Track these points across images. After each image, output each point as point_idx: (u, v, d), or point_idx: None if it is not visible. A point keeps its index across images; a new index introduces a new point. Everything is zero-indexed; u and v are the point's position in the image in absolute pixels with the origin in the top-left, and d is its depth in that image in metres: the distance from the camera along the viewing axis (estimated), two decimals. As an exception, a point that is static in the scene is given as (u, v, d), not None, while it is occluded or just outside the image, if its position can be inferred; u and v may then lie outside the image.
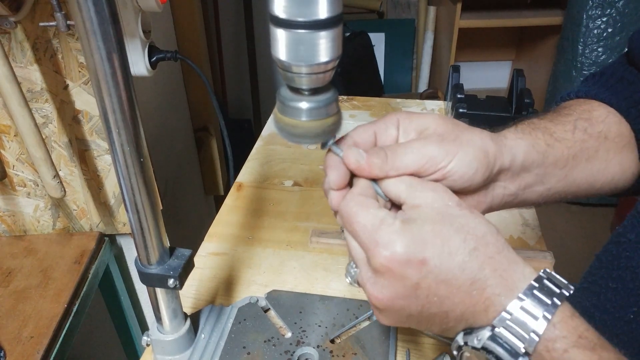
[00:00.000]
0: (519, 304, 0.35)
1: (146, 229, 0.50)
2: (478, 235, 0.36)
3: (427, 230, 0.36)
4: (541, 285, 0.35)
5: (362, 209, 0.38)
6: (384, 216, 0.37)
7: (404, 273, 0.36)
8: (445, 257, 0.35)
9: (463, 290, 0.36)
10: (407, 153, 0.40)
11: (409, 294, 0.36)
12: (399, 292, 0.36)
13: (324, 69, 0.37)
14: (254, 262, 0.77)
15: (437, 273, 0.35)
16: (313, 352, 0.60)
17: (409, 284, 0.36)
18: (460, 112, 0.97)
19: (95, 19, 0.38)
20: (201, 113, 1.60)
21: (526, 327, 0.34)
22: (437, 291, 0.36)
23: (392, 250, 0.35)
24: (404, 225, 0.36)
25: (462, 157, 0.39)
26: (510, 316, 0.35)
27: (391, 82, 2.74)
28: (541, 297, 0.35)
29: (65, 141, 0.91)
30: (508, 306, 0.35)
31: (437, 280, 0.36)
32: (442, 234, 0.36)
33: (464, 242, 0.35)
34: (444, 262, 0.35)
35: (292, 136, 0.40)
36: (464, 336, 0.37)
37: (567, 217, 2.30)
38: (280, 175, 0.97)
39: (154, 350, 0.61)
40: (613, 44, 2.02)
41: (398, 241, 0.35)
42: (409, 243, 0.35)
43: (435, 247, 0.35)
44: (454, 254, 0.35)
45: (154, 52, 0.81)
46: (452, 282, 0.35)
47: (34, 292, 0.88)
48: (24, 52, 0.82)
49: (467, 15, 2.23)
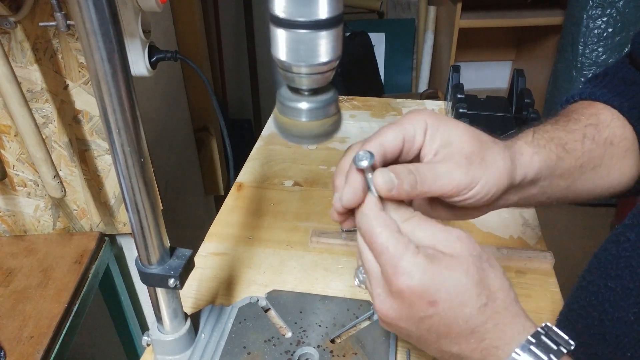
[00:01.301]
0: (517, 357, 0.36)
1: (146, 229, 0.50)
2: (491, 290, 0.37)
3: (447, 275, 0.36)
4: (538, 341, 0.36)
5: (386, 229, 0.38)
6: (408, 243, 0.37)
7: (414, 305, 0.37)
8: (456, 306, 0.36)
9: (462, 336, 0.37)
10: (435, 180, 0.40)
11: (412, 322, 0.38)
12: (404, 316, 0.38)
13: (324, 69, 0.37)
14: (254, 262, 0.77)
15: (443, 316, 0.37)
16: (313, 352, 0.60)
17: (415, 315, 0.37)
18: (460, 112, 0.97)
19: (95, 19, 0.38)
20: (201, 113, 1.60)
21: None
22: (437, 330, 0.37)
23: (411, 281, 0.36)
24: (427, 260, 0.37)
25: (484, 183, 0.41)
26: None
27: (391, 82, 2.74)
28: (538, 353, 0.36)
29: (65, 141, 0.91)
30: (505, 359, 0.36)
31: (440, 322, 0.37)
32: (460, 283, 0.36)
33: (478, 296, 0.36)
34: (452, 309, 0.36)
35: (292, 136, 0.40)
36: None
37: (567, 217, 2.30)
38: (280, 175, 0.97)
39: (154, 350, 0.61)
40: (613, 44, 2.02)
41: (418, 274, 0.36)
42: (427, 280, 0.36)
43: (449, 294, 0.36)
44: (464, 306, 0.36)
45: (154, 52, 0.81)
46: (453, 328, 0.37)
47: (34, 292, 0.88)
48: (24, 52, 0.82)
49: (467, 15, 2.23)
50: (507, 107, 1.03)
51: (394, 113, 1.18)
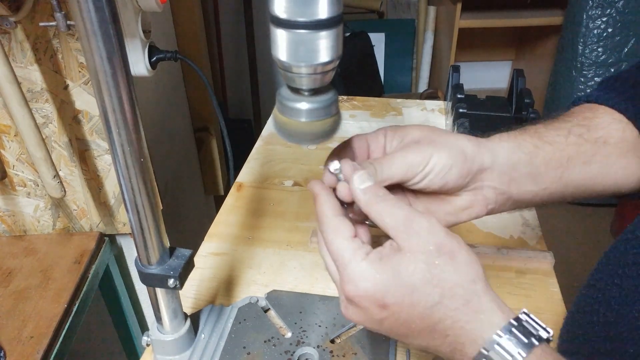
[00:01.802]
0: (485, 353, 0.35)
1: (146, 229, 0.50)
2: (446, 287, 0.37)
3: (393, 278, 0.36)
4: (509, 335, 0.35)
5: (336, 236, 0.39)
6: (355, 250, 0.38)
7: (367, 309, 0.37)
8: (406, 306, 0.36)
9: (424, 333, 0.38)
10: (392, 164, 0.42)
11: (374, 324, 0.39)
12: (366, 320, 0.39)
13: (324, 69, 0.37)
14: (254, 262, 0.77)
15: (397, 317, 0.37)
16: (313, 352, 0.60)
17: (373, 318, 0.38)
18: (460, 112, 0.97)
19: (95, 19, 0.38)
20: (201, 113, 1.60)
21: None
22: (398, 330, 0.38)
23: (356, 289, 0.37)
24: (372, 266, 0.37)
25: (437, 158, 0.42)
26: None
27: (391, 82, 2.74)
28: (507, 347, 0.35)
29: (65, 141, 0.91)
30: (473, 355, 0.36)
31: (398, 323, 0.37)
32: (407, 284, 0.36)
33: (428, 295, 0.36)
34: (404, 310, 0.37)
35: (291, 136, 0.40)
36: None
37: (567, 217, 2.30)
38: (280, 175, 0.97)
39: (154, 350, 0.61)
40: (613, 44, 2.02)
41: (362, 283, 0.37)
42: (371, 287, 0.37)
43: (396, 297, 0.36)
44: (414, 306, 0.36)
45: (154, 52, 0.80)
46: (412, 327, 0.37)
47: (34, 292, 0.88)
48: (24, 52, 0.82)
49: (467, 15, 2.23)
50: (507, 107, 1.03)
51: (394, 113, 1.18)
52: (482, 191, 0.45)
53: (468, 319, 0.36)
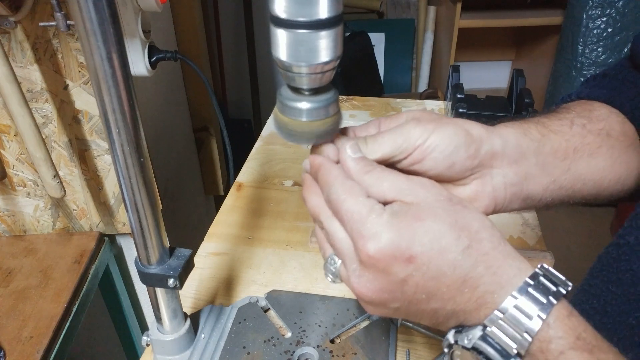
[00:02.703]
0: (513, 302, 0.33)
1: (146, 229, 0.50)
2: (472, 231, 0.34)
3: (417, 226, 0.34)
4: (537, 283, 0.34)
5: (350, 196, 0.36)
6: (373, 205, 0.35)
7: (390, 268, 0.34)
8: (436, 255, 0.34)
9: (454, 288, 0.34)
10: (383, 136, 0.40)
11: (394, 288, 0.35)
12: (384, 286, 0.35)
13: (325, 69, 0.37)
14: (254, 262, 0.77)
15: (426, 271, 0.34)
16: (313, 352, 0.60)
17: (395, 280, 0.35)
18: (460, 112, 0.97)
19: (95, 19, 0.38)
20: (201, 113, 1.60)
21: (519, 326, 0.33)
22: (425, 288, 0.35)
23: (378, 243, 0.34)
24: (392, 218, 0.34)
25: (440, 133, 0.39)
26: (502, 315, 0.33)
27: (391, 82, 2.74)
28: (536, 295, 0.33)
29: (65, 141, 0.91)
30: (501, 304, 0.33)
31: (426, 278, 0.34)
32: (433, 230, 0.34)
33: (458, 239, 0.34)
34: (433, 260, 0.34)
35: (292, 136, 0.40)
36: (454, 334, 0.36)
37: (567, 217, 2.30)
38: (280, 175, 0.97)
39: (154, 350, 0.61)
40: (613, 44, 2.02)
41: (384, 234, 0.34)
42: (396, 237, 0.34)
43: (424, 245, 0.34)
44: (445, 252, 0.34)
45: (154, 52, 0.81)
46: (442, 280, 0.34)
47: (34, 292, 0.88)
48: (24, 52, 0.82)
49: (467, 15, 2.24)
50: (507, 107, 1.03)
51: (394, 113, 1.18)
52: (492, 181, 0.42)
53: (499, 264, 0.34)
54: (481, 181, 0.42)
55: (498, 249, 0.35)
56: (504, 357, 0.33)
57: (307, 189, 0.41)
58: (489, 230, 0.35)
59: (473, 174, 0.41)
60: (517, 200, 0.43)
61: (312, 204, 0.40)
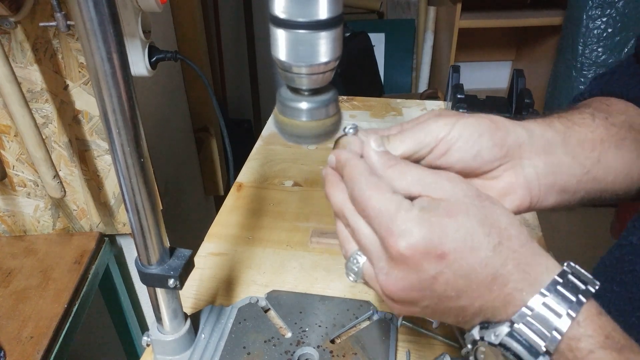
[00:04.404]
0: (542, 299, 0.33)
1: (146, 229, 0.50)
2: (501, 227, 0.34)
3: (448, 222, 0.33)
4: (565, 281, 0.33)
5: (377, 192, 0.35)
6: (401, 201, 0.34)
7: (421, 265, 0.34)
8: (467, 252, 0.33)
9: (484, 285, 0.34)
10: (405, 132, 0.39)
11: (424, 286, 0.34)
12: (414, 284, 0.34)
13: (324, 69, 0.37)
14: (254, 262, 0.77)
15: (457, 268, 0.33)
16: (313, 352, 0.60)
17: (426, 277, 0.34)
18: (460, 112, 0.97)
19: (95, 19, 0.38)
20: (201, 113, 1.60)
21: (548, 324, 0.32)
22: (455, 285, 0.34)
23: (409, 239, 0.33)
24: (422, 213, 0.34)
25: (463, 123, 0.38)
26: (531, 312, 0.33)
27: (391, 82, 2.74)
28: (565, 293, 0.33)
29: (65, 141, 0.91)
30: (529, 302, 0.33)
31: (456, 275, 0.34)
32: (465, 226, 0.33)
33: (488, 236, 0.33)
34: (465, 257, 0.33)
35: (292, 136, 0.40)
36: (480, 330, 0.35)
37: (567, 217, 2.30)
38: (280, 175, 0.97)
39: (154, 351, 0.61)
40: (613, 44, 2.02)
41: (416, 230, 0.33)
42: (427, 234, 0.33)
43: (456, 241, 0.33)
44: (476, 249, 0.33)
45: (154, 52, 0.81)
46: (472, 278, 0.34)
47: (34, 292, 0.88)
48: (24, 52, 0.82)
49: (467, 15, 2.23)
50: (507, 107, 1.03)
51: (394, 113, 1.18)
52: (523, 171, 0.41)
53: (528, 262, 0.34)
54: (513, 172, 0.41)
55: (526, 247, 0.34)
56: (532, 355, 0.33)
57: (330, 185, 0.40)
58: (517, 228, 0.35)
59: (502, 164, 0.40)
60: (552, 193, 0.42)
61: (336, 200, 0.39)
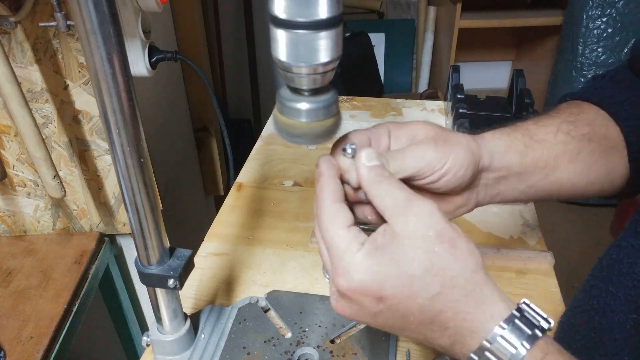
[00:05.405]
0: (487, 345, 0.34)
1: (146, 229, 0.50)
2: (447, 276, 0.35)
3: (389, 270, 0.35)
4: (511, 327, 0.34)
5: (333, 225, 0.37)
6: (350, 241, 0.36)
7: (362, 302, 0.36)
8: (404, 298, 0.35)
9: (422, 326, 0.36)
10: (406, 157, 0.41)
11: (367, 318, 0.37)
12: (359, 314, 0.37)
13: (324, 69, 0.37)
14: (254, 262, 0.77)
15: (395, 310, 0.35)
16: (313, 352, 0.60)
17: (367, 311, 0.36)
18: (460, 112, 0.97)
19: (95, 19, 0.38)
20: (201, 113, 1.60)
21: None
22: (394, 323, 0.36)
23: (349, 283, 0.35)
24: (367, 258, 0.35)
25: (454, 158, 0.41)
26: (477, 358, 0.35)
27: (391, 82, 2.74)
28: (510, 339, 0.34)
29: (65, 141, 0.91)
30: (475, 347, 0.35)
31: (395, 316, 0.36)
32: (407, 274, 0.35)
33: (428, 285, 0.35)
34: (402, 302, 0.35)
35: (291, 137, 0.40)
36: None
37: (567, 217, 2.30)
38: (280, 175, 0.97)
39: (154, 351, 0.61)
40: (613, 44, 2.02)
41: (356, 275, 0.35)
42: (368, 278, 0.35)
43: (394, 288, 0.35)
44: (414, 297, 0.35)
45: (154, 52, 0.81)
46: (410, 320, 0.36)
47: (34, 292, 0.88)
48: (24, 52, 0.82)
49: (467, 15, 2.23)
50: (507, 107, 1.03)
51: (394, 113, 1.18)
52: (477, 189, 0.46)
53: (469, 310, 0.35)
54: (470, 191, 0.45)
55: (471, 296, 0.35)
56: None
57: None
58: (467, 276, 0.35)
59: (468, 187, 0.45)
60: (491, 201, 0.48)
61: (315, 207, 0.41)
